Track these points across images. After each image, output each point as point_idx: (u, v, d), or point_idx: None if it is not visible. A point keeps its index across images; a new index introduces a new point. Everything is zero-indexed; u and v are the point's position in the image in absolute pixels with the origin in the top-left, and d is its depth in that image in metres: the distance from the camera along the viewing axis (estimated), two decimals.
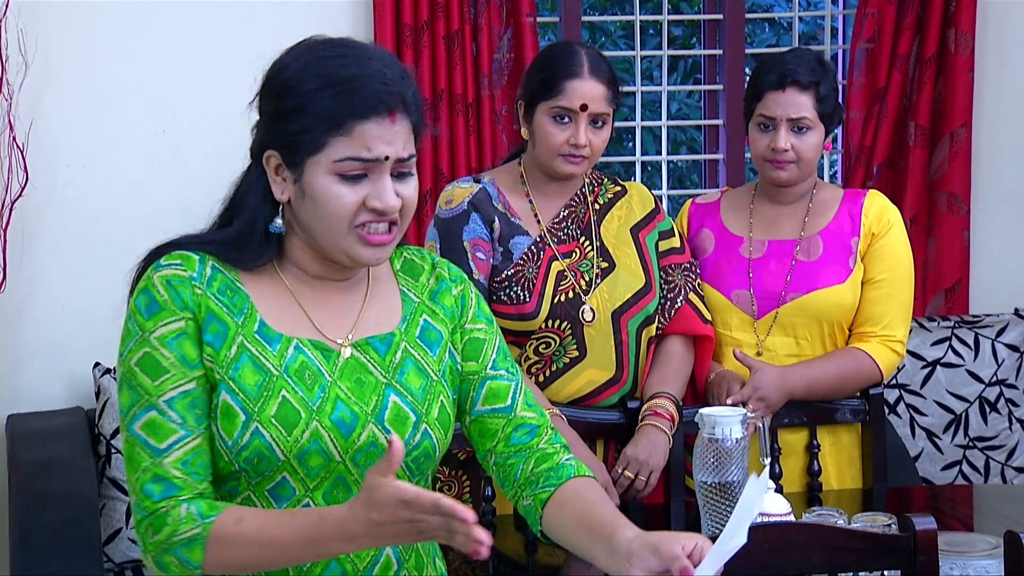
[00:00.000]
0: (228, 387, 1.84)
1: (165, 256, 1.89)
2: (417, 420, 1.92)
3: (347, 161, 1.83)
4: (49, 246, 3.76)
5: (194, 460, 1.82)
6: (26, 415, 3.67)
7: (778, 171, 3.01)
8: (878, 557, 2.01)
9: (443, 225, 2.92)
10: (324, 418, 1.86)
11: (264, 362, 1.86)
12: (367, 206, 1.85)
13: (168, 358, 1.83)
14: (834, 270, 3.02)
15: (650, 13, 6.01)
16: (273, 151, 1.88)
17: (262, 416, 1.83)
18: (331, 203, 1.84)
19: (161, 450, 1.81)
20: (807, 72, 2.97)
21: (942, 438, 4.06)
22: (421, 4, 3.86)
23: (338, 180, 1.84)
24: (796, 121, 2.97)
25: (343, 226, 1.86)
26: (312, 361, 1.89)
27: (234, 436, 1.83)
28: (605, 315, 2.92)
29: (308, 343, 1.90)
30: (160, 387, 1.83)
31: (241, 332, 1.87)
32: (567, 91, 2.84)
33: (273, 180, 1.89)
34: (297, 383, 1.86)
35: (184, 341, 1.84)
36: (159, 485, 1.80)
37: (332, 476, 1.88)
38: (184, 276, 1.87)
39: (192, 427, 1.83)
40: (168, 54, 3.81)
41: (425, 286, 2.03)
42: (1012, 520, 2.73)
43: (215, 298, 1.87)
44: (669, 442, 2.88)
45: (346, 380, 1.90)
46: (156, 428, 1.82)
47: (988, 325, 4.11)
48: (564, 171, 2.90)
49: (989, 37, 4.28)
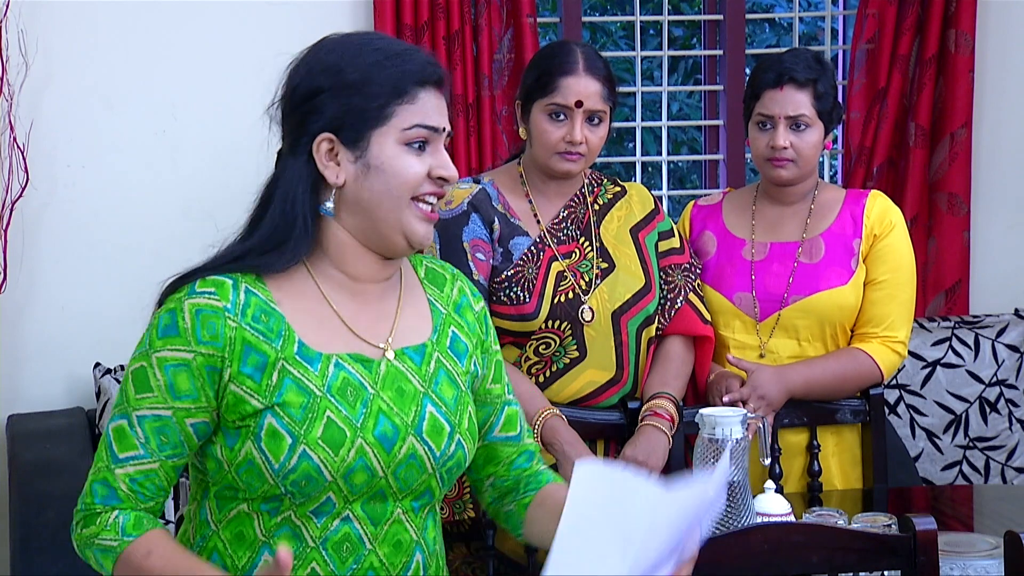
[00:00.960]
0: (274, 412, 1.84)
1: (200, 282, 1.87)
2: (451, 430, 1.94)
3: (415, 128, 1.88)
4: (49, 246, 3.76)
5: (143, 481, 1.86)
6: (26, 415, 3.67)
7: (778, 170, 3.01)
8: (878, 557, 2.01)
9: (443, 226, 2.92)
10: (368, 434, 1.86)
11: (307, 383, 1.86)
12: (432, 175, 1.89)
13: (158, 380, 1.85)
14: (836, 272, 3.02)
15: (650, 13, 6.00)
16: (326, 134, 1.88)
17: (308, 438, 1.83)
18: (401, 173, 1.88)
19: (119, 459, 1.86)
20: (804, 70, 2.98)
21: (942, 438, 4.06)
22: (421, 4, 3.86)
23: (407, 150, 1.88)
24: (794, 119, 2.98)
25: (407, 197, 1.88)
26: (354, 376, 1.89)
27: (281, 459, 1.83)
28: (605, 315, 2.92)
29: (348, 358, 1.90)
30: (139, 401, 1.85)
31: (282, 356, 1.86)
32: (562, 88, 2.84)
33: (325, 166, 1.89)
34: (340, 401, 1.86)
35: (181, 372, 1.85)
36: (105, 489, 1.87)
37: (373, 490, 1.88)
38: (218, 307, 1.85)
39: (152, 451, 1.85)
40: (168, 55, 3.81)
41: (450, 297, 2.04)
42: (1012, 520, 2.73)
43: (250, 328, 1.86)
44: (669, 442, 2.88)
45: (388, 390, 1.90)
46: (122, 436, 1.86)
47: (988, 325, 4.11)
48: (561, 169, 2.90)
49: (989, 37, 4.28)
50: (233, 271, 1.88)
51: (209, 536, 1.91)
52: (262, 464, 1.83)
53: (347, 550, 1.87)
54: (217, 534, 1.90)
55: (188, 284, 1.88)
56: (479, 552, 2.66)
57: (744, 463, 2.32)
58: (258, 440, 1.83)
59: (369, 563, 1.88)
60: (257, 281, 1.89)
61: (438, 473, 1.93)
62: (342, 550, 1.87)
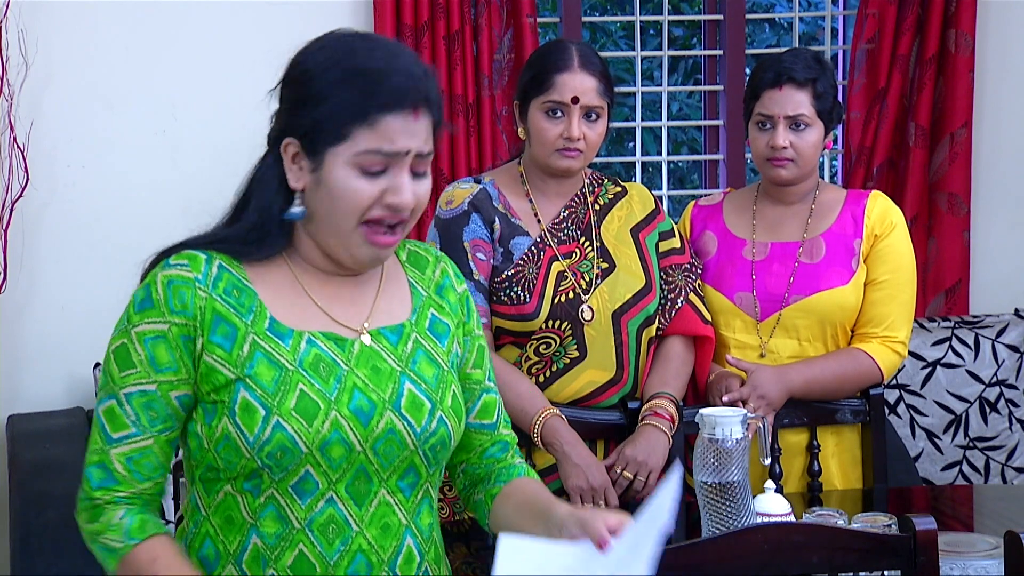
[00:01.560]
0: (245, 384, 1.85)
1: (175, 256, 1.90)
2: (432, 407, 1.94)
3: (369, 154, 1.83)
4: (49, 246, 3.76)
5: (139, 459, 1.87)
6: (26, 415, 3.67)
7: (778, 170, 3.01)
8: (878, 557, 2.01)
9: (443, 226, 2.92)
10: (343, 408, 1.87)
11: (278, 358, 1.87)
12: (382, 202, 1.85)
13: (139, 354, 1.86)
14: (837, 272, 3.02)
15: (650, 13, 6.00)
16: (292, 139, 1.87)
17: (282, 409, 1.84)
18: (347, 196, 1.85)
19: (113, 439, 1.87)
20: (803, 70, 2.98)
21: (942, 438, 4.06)
22: (421, 5, 3.86)
23: (358, 174, 1.84)
24: (794, 118, 2.98)
25: (353, 221, 1.86)
26: (326, 353, 1.90)
27: (255, 431, 1.84)
28: (605, 315, 2.92)
29: (320, 335, 1.91)
30: (124, 379, 1.87)
31: (252, 330, 1.88)
32: (557, 85, 2.85)
33: (289, 168, 1.89)
34: (313, 376, 1.87)
35: (160, 344, 1.86)
36: (101, 472, 1.88)
37: (353, 467, 1.89)
38: (188, 277, 1.87)
39: (144, 427, 1.87)
40: (168, 54, 3.82)
41: (431, 279, 2.05)
42: (1012, 520, 2.73)
43: (221, 299, 1.88)
44: (669, 442, 2.87)
45: (363, 368, 1.91)
46: (113, 417, 1.87)
47: (988, 325, 4.11)
48: (561, 166, 2.90)
49: (989, 37, 4.28)
50: (211, 250, 1.91)
51: (200, 522, 1.93)
52: (237, 438, 1.84)
53: (333, 532, 1.88)
54: (208, 519, 1.91)
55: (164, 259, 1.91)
56: (479, 552, 2.66)
57: (744, 463, 2.32)
58: (232, 415, 1.85)
59: (357, 545, 1.89)
60: (233, 260, 1.91)
61: (420, 450, 1.93)
62: (328, 532, 1.88)
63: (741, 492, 2.30)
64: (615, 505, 2.81)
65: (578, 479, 2.80)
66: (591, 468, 2.81)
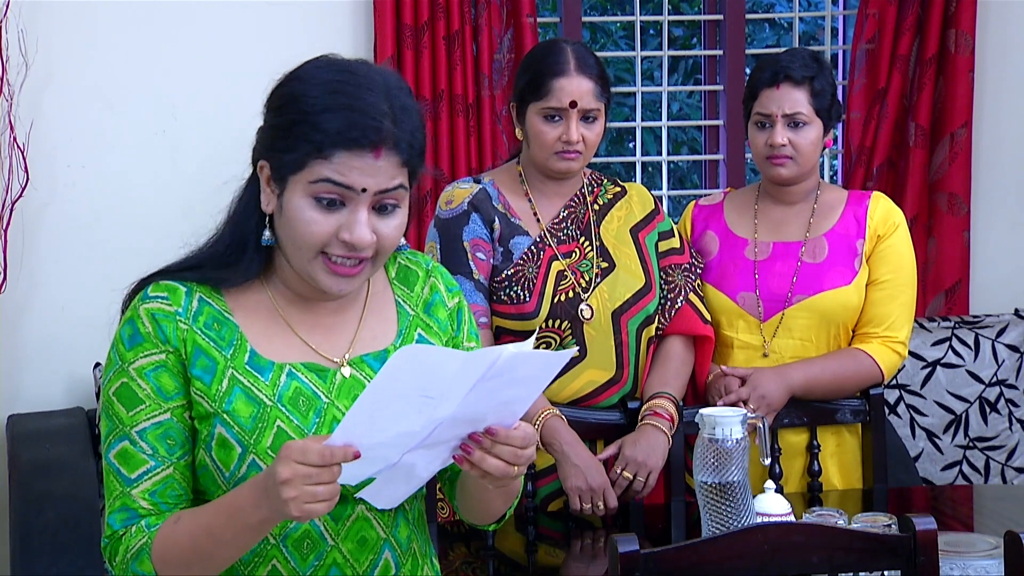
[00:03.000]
0: (223, 420, 1.84)
1: (152, 286, 1.88)
2: None
3: (322, 183, 1.80)
4: (49, 246, 3.76)
5: (163, 491, 1.84)
6: (26, 415, 3.67)
7: (777, 168, 3.02)
8: (878, 557, 2.01)
9: (443, 226, 2.92)
10: None
11: (257, 393, 1.86)
12: (339, 237, 1.82)
13: (144, 389, 1.84)
14: (840, 272, 3.03)
15: (650, 13, 6.00)
16: (265, 162, 1.87)
17: (258, 448, 1.83)
18: (301, 227, 1.82)
19: (131, 480, 1.83)
20: (801, 68, 2.99)
21: (942, 438, 4.06)
22: (421, 5, 3.86)
23: (313, 204, 1.81)
24: (792, 116, 2.99)
25: (310, 252, 1.83)
26: (307, 386, 1.88)
27: (231, 468, 1.84)
28: (605, 315, 2.92)
29: (301, 367, 1.89)
30: (134, 418, 1.84)
31: (231, 365, 1.86)
32: (555, 90, 2.85)
33: (264, 190, 1.88)
34: (291, 411, 1.86)
35: (162, 373, 1.85)
36: (122, 515, 1.84)
37: None
38: (169, 311, 1.86)
39: (163, 457, 1.84)
40: (168, 55, 3.82)
41: (420, 296, 2.01)
42: (1012, 520, 2.73)
43: (202, 332, 1.86)
44: (668, 442, 2.88)
45: (344, 399, 1.89)
46: (128, 458, 1.84)
47: (988, 325, 4.11)
48: (560, 168, 2.90)
49: (989, 37, 4.28)
50: (189, 280, 1.89)
51: None
52: (214, 471, 1.85)
53: (308, 547, 1.87)
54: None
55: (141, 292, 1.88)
56: (479, 552, 2.66)
57: (744, 463, 2.32)
58: (208, 449, 1.84)
59: (332, 559, 1.88)
60: (213, 292, 1.89)
61: None
62: (303, 547, 1.86)
63: (741, 492, 2.30)
64: (614, 505, 2.81)
65: (577, 479, 2.80)
66: (590, 468, 2.81)
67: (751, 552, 1.95)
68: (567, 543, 2.81)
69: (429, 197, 3.85)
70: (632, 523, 2.82)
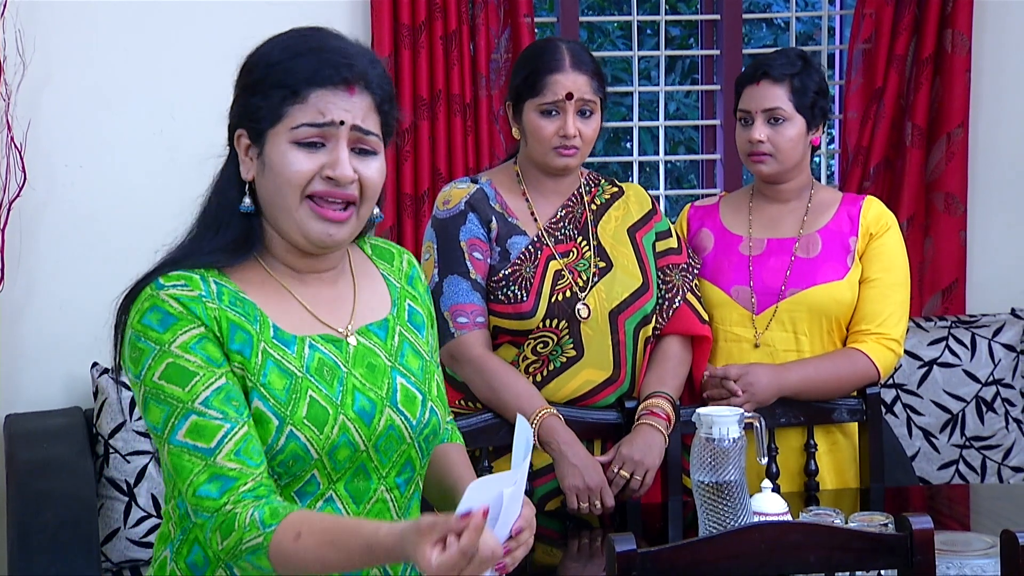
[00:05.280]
0: (260, 393, 1.85)
1: (163, 277, 1.87)
2: (423, 399, 1.97)
3: (303, 128, 1.86)
4: (47, 246, 3.76)
5: (246, 447, 1.81)
6: (24, 415, 3.68)
7: (758, 164, 3.04)
8: (875, 557, 2.01)
9: (440, 225, 2.92)
10: (348, 410, 1.89)
11: (287, 365, 1.88)
12: (322, 175, 1.87)
13: (193, 361, 1.83)
14: (833, 267, 3.04)
15: (648, 13, 6.01)
16: (242, 129, 1.91)
17: (295, 418, 1.85)
18: (286, 170, 1.86)
19: (212, 449, 1.80)
20: (782, 66, 3.03)
21: (939, 438, 4.06)
22: (419, 4, 3.87)
23: (295, 147, 1.87)
24: (771, 112, 3.01)
25: (296, 195, 1.87)
26: (328, 356, 1.91)
27: (268, 441, 1.84)
28: (602, 314, 2.92)
29: (319, 339, 1.92)
30: (193, 391, 1.82)
31: (262, 339, 1.88)
32: (551, 85, 2.86)
33: (242, 161, 1.92)
34: (319, 380, 1.88)
35: (206, 344, 1.84)
36: (216, 483, 1.79)
37: (355, 466, 1.90)
38: (192, 295, 1.86)
39: (235, 418, 1.82)
40: (166, 54, 3.81)
41: (401, 270, 2.08)
42: (1009, 519, 2.74)
43: (230, 309, 1.87)
44: (665, 441, 2.88)
45: (359, 367, 1.93)
46: (201, 430, 1.81)
47: (985, 325, 4.12)
48: (558, 164, 2.91)
49: (986, 38, 4.28)
50: (191, 267, 1.89)
51: (190, 529, 1.91)
52: None
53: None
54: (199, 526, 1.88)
55: (148, 285, 1.87)
56: None
57: (741, 462, 2.32)
58: None
59: None
60: (221, 275, 1.91)
61: (416, 442, 1.96)
62: None
63: (738, 491, 2.30)
64: (611, 505, 2.82)
65: (575, 479, 2.80)
66: (588, 468, 2.81)
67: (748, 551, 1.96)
68: (564, 542, 2.81)
69: (427, 197, 3.85)
70: (629, 522, 2.82)
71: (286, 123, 1.87)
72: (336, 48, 1.90)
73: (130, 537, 3.49)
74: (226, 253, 1.91)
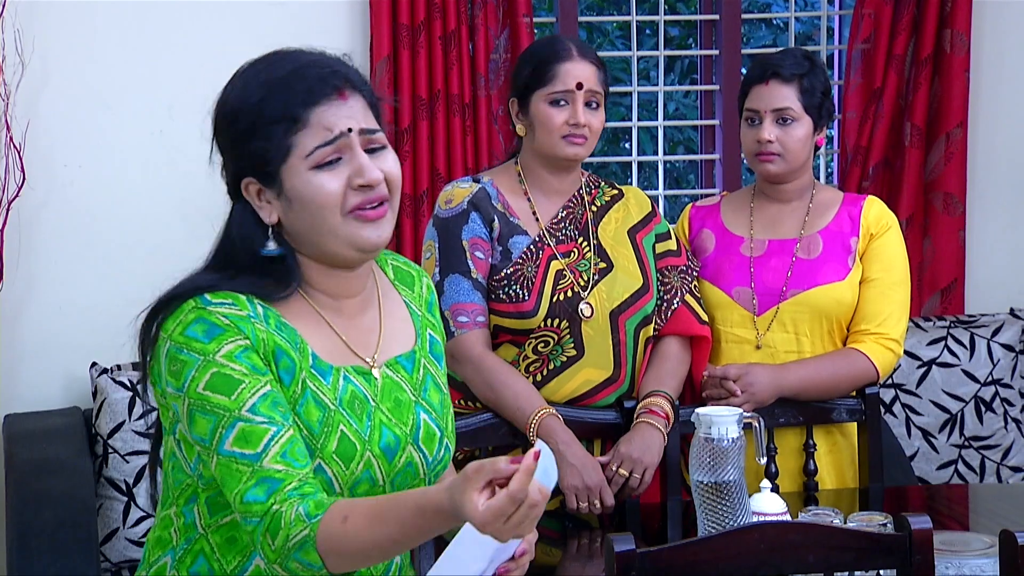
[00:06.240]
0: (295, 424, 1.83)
1: (211, 294, 1.84)
2: (441, 435, 1.97)
3: (317, 151, 1.84)
4: (46, 246, 3.76)
5: (292, 449, 1.79)
6: (23, 415, 3.67)
7: (765, 164, 3.04)
8: (874, 557, 2.01)
9: (442, 225, 2.93)
10: (374, 446, 1.88)
11: (322, 397, 1.86)
12: (352, 186, 1.85)
13: (239, 369, 1.80)
14: (834, 268, 3.04)
15: (647, 13, 6.01)
16: (248, 178, 1.88)
17: (324, 452, 1.84)
18: (319, 196, 1.85)
19: (258, 454, 1.78)
20: (790, 66, 3.02)
21: (938, 438, 4.06)
22: (418, 4, 3.86)
23: (316, 172, 1.85)
24: (780, 112, 3.01)
25: (336, 215, 1.85)
26: (359, 389, 1.90)
27: None
28: (603, 314, 2.92)
29: (352, 370, 1.91)
30: (239, 398, 1.79)
31: (303, 367, 1.86)
32: (560, 74, 2.88)
33: (258, 207, 1.89)
34: (351, 414, 1.87)
35: (251, 354, 1.82)
36: (262, 487, 1.77)
37: None
38: (241, 315, 1.83)
39: (280, 423, 1.80)
40: (165, 55, 3.81)
41: (421, 296, 2.06)
42: (1007, 519, 2.74)
43: (278, 334, 1.85)
44: (664, 440, 2.88)
45: (386, 401, 1.92)
46: (248, 436, 1.78)
47: (984, 325, 4.12)
48: (568, 153, 2.91)
49: (985, 37, 4.28)
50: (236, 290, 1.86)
51: (195, 539, 1.90)
52: None
53: None
54: (205, 537, 1.89)
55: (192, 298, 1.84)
56: None
57: (740, 462, 2.32)
58: None
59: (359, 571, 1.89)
60: (264, 300, 1.88)
61: (428, 478, 1.96)
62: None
63: (737, 491, 2.30)
64: (611, 504, 2.82)
65: (574, 478, 2.80)
66: (587, 467, 2.81)
67: (747, 551, 1.96)
68: (564, 542, 2.81)
69: (426, 196, 3.85)
70: (628, 522, 2.82)
71: (297, 153, 1.84)
72: (311, 61, 1.88)
73: (129, 537, 3.49)
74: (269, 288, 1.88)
